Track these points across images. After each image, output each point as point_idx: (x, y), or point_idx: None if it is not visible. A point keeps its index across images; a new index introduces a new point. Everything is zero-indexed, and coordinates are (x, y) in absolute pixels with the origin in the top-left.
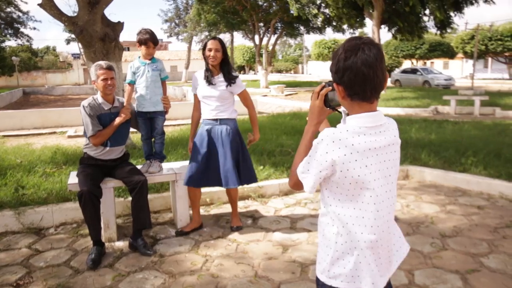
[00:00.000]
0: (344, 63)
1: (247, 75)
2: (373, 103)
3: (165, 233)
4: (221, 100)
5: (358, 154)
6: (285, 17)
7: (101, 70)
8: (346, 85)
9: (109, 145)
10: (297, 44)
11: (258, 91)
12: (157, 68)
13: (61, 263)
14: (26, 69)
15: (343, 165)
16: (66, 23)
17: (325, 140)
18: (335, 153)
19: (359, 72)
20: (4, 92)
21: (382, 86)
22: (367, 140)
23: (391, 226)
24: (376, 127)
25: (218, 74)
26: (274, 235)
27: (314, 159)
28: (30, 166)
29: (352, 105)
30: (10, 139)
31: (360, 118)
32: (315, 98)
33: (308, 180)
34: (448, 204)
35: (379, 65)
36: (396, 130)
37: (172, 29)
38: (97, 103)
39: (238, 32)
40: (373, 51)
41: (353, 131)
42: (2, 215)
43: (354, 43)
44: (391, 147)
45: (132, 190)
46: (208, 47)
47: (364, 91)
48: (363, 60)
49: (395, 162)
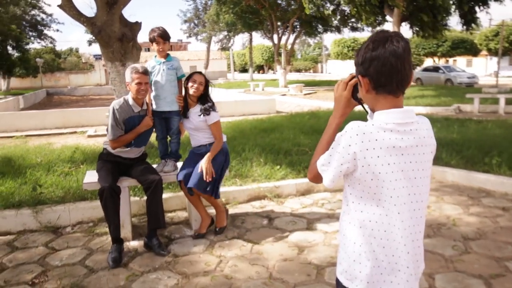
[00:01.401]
0: (372, 53)
1: (266, 75)
2: (399, 97)
3: (180, 233)
4: (201, 130)
5: (381, 150)
6: (304, 15)
7: (136, 74)
8: (372, 76)
9: (133, 145)
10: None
11: (277, 91)
12: (172, 67)
13: (76, 262)
14: (50, 70)
15: (365, 160)
16: (85, 23)
17: (349, 133)
18: (357, 146)
19: (387, 62)
20: (28, 93)
21: (408, 80)
22: (393, 138)
23: (416, 235)
24: (405, 125)
25: (195, 106)
26: (290, 235)
27: (336, 152)
28: (49, 165)
29: (377, 98)
30: (32, 139)
31: (389, 113)
32: (343, 89)
33: (328, 173)
34: (471, 205)
35: (407, 57)
36: (429, 130)
37: (191, 29)
38: (127, 105)
39: (257, 32)
40: (402, 43)
41: (379, 126)
42: (20, 213)
43: (383, 35)
44: (420, 149)
45: (147, 189)
46: (192, 78)
47: (391, 83)
48: (391, 50)
49: (423, 165)
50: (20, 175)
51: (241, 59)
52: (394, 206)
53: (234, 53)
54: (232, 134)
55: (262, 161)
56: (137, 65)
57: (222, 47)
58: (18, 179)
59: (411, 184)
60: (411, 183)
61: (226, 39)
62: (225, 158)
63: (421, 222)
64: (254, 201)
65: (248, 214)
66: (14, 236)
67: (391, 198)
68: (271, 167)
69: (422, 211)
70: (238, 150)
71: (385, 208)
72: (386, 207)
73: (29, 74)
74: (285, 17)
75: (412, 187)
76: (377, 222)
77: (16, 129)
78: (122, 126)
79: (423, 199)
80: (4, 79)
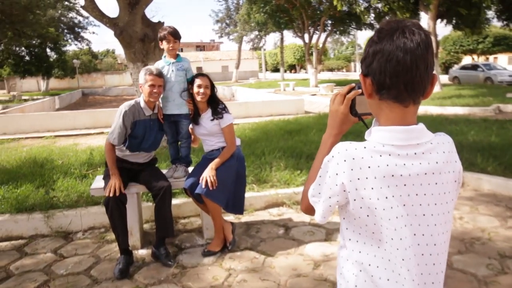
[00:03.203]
0: (375, 46)
1: (298, 74)
2: (408, 107)
3: (191, 242)
4: (215, 134)
5: (375, 180)
6: (336, 13)
7: (150, 75)
8: (374, 76)
9: (142, 150)
10: (349, 41)
11: (307, 90)
12: (182, 68)
13: (81, 271)
14: (87, 71)
15: (357, 192)
16: (108, 24)
17: (336, 158)
18: (346, 175)
19: (392, 57)
20: (64, 94)
21: (423, 84)
22: (391, 163)
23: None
24: (408, 147)
25: (206, 111)
26: (306, 247)
27: (324, 182)
28: (68, 167)
29: (380, 106)
30: (61, 139)
31: (388, 132)
32: (339, 102)
33: (319, 206)
34: (509, 217)
35: (423, 54)
36: (451, 153)
37: (223, 29)
38: (138, 108)
39: (288, 31)
40: (417, 36)
41: (373, 149)
42: (32, 217)
43: (392, 25)
44: (432, 177)
45: (155, 196)
46: (197, 84)
47: (397, 84)
48: (400, 43)
49: (438, 199)
50: (38, 178)
51: (273, 58)
52: (397, 251)
53: (266, 53)
54: (255, 135)
55: (282, 166)
56: (152, 67)
57: (253, 46)
58: (36, 182)
59: (418, 223)
60: (418, 221)
61: (257, 39)
62: (239, 163)
63: (435, 271)
64: (272, 208)
65: (264, 222)
66: (26, 241)
67: (392, 241)
68: (291, 172)
69: (437, 257)
70: (258, 154)
71: (387, 251)
72: (388, 250)
73: (67, 75)
74: (316, 16)
75: (419, 227)
76: (379, 267)
77: (48, 129)
78: (127, 130)
79: (437, 241)
80: (44, 80)
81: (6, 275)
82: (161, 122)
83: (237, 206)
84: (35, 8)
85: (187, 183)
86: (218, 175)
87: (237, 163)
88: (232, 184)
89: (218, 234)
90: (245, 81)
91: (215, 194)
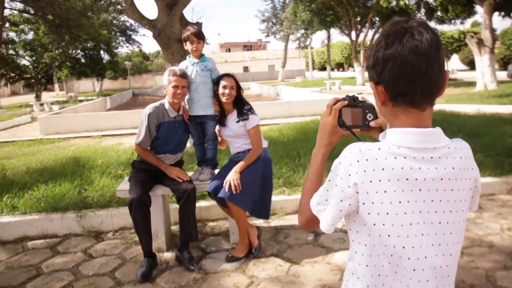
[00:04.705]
0: (385, 52)
1: (345, 73)
2: (425, 110)
3: (216, 246)
4: (241, 136)
5: (389, 183)
6: (383, 9)
7: (173, 76)
8: (387, 83)
9: (167, 152)
10: None
11: (354, 89)
12: (206, 68)
13: (106, 272)
14: (138, 72)
15: (367, 196)
16: (147, 26)
17: (348, 158)
18: (358, 176)
19: (407, 63)
20: (115, 94)
21: (439, 85)
22: (406, 166)
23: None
24: (424, 151)
25: (232, 112)
26: (334, 256)
27: (334, 184)
28: (107, 167)
29: (395, 112)
30: (107, 139)
31: (403, 133)
32: (327, 114)
33: (326, 213)
34: None
35: (435, 55)
36: (468, 159)
37: (269, 28)
38: (163, 110)
39: (335, 28)
40: (426, 36)
41: (388, 151)
42: (66, 217)
43: (400, 26)
44: (448, 183)
45: (179, 199)
46: (222, 84)
47: (413, 90)
48: (411, 47)
49: (454, 206)
50: (78, 177)
51: (320, 57)
52: (408, 261)
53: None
54: (293, 136)
55: None
56: (175, 68)
57: (299, 45)
58: (75, 181)
59: (435, 232)
60: (434, 230)
61: (303, 37)
62: (265, 166)
63: (448, 282)
64: None
65: (293, 228)
66: (60, 239)
67: (404, 250)
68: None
69: (451, 268)
70: (293, 155)
71: (396, 263)
72: (396, 262)
73: (117, 76)
74: (363, 13)
75: (436, 236)
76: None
77: (97, 129)
78: (153, 133)
79: (452, 251)
80: (98, 81)
81: (37, 273)
82: (187, 124)
83: (263, 210)
84: (89, 13)
85: (211, 186)
86: (243, 179)
87: (263, 165)
88: (258, 188)
89: (242, 239)
90: (292, 80)
91: (238, 198)
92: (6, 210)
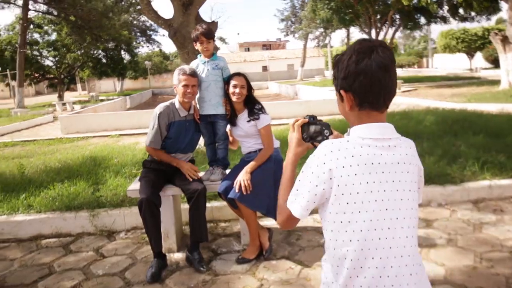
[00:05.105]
0: (356, 66)
1: None
2: (383, 112)
3: (227, 247)
4: (252, 136)
5: (358, 167)
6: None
7: (183, 75)
8: (357, 93)
9: (178, 151)
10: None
11: None
12: (217, 67)
13: (116, 272)
14: (158, 72)
15: (341, 179)
16: (163, 25)
17: (323, 150)
18: (333, 163)
19: (374, 76)
20: (135, 94)
21: (394, 92)
22: (371, 153)
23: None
24: (383, 140)
25: (242, 112)
26: None
27: (310, 173)
28: (122, 166)
29: (360, 116)
30: (125, 138)
31: (365, 128)
32: (293, 130)
33: (300, 200)
34: None
35: (393, 68)
36: (412, 149)
37: (288, 27)
38: (173, 109)
39: (354, 27)
40: (387, 53)
41: (355, 142)
42: (79, 216)
43: (367, 45)
44: (403, 167)
45: (189, 199)
46: (232, 83)
47: (379, 98)
48: (378, 62)
49: (408, 185)
50: (93, 176)
51: None
52: (375, 232)
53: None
54: None
55: None
56: (185, 66)
57: (319, 44)
58: (90, 180)
59: (398, 207)
60: (395, 205)
61: (323, 36)
62: (277, 166)
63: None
64: (317, 214)
65: (307, 229)
66: (73, 238)
67: (371, 223)
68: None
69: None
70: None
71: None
72: (365, 235)
73: (139, 76)
74: (384, 10)
75: (393, 211)
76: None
77: (116, 128)
78: (163, 132)
79: (404, 225)
80: (118, 81)
81: (49, 272)
82: (198, 123)
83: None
84: (110, 14)
85: (221, 186)
86: (253, 179)
87: (275, 166)
88: (271, 188)
89: (253, 241)
90: (311, 79)
91: (248, 199)
92: (21, 209)
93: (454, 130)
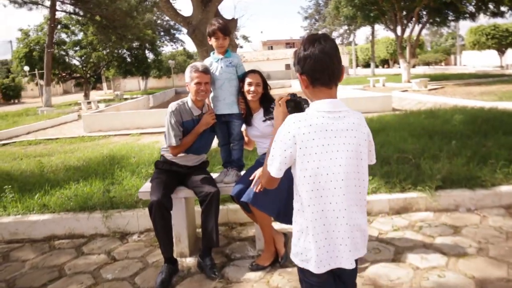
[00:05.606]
0: (304, 53)
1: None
2: (332, 88)
3: (242, 252)
4: (267, 136)
5: (315, 133)
6: (431, 3)
7: (196, 72)
8: (307, 73)
9: (190, 151)
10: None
11: (399, 86)
12: (231, 64)
13: (126, 277)
14: (182, 71)
15: (302, 143)
16: (181, 23)
17: (287, 122)
18: (295, 130)
19: (318, 58)
20: (158, 92)
21: (339, 73)
22: (325, 122)
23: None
24: (334, 112)
25: (258, 111)
26: (368, 268)
27: (278, 141)
28: (138, 166)
29: (315, 92)
30: (145, 136)
31: (320, 103)
32: (278, 106)
33: (275, 162)
34: None
35: (335, 53)
36: (360, 119)
37: (312, 25)
38: (186, 108)
39: (379, 24)
40: (329, 42)
41: (312, 114)
42: (92, 217)
43: (312, 37)
44: (351, 133)
45: (202, 202)
46: (247, 81)
47: (324, 76)
48: (320, 49)
49: (357, 148)
50: (109, 176)
51: (365, 53)
52: (330, 183)
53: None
54: None
55: None
56: (197, 63)
57: (343, 42)
58: (106, 180)
59: (346, 164)
60: (347, 163)
61: (347, 34)
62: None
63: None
64: None
65: None
66: (86, 239)
67: (327, 176)
68: None
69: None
70: None
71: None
72: (322, 185)
73: (163, 75)
74: (410, 7)
75: (346, 166)
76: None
77: (137, 127)
78: (180, 128)
79: (360, 178)
80: (143, 80)
81: (59, 275)
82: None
83: (288, 216)
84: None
85: (235, 189)
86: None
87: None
88: (285, 191)
89: (268, 247)
90: None
91: (262, 203)
92: (36, 209)
93: (483, 129)
